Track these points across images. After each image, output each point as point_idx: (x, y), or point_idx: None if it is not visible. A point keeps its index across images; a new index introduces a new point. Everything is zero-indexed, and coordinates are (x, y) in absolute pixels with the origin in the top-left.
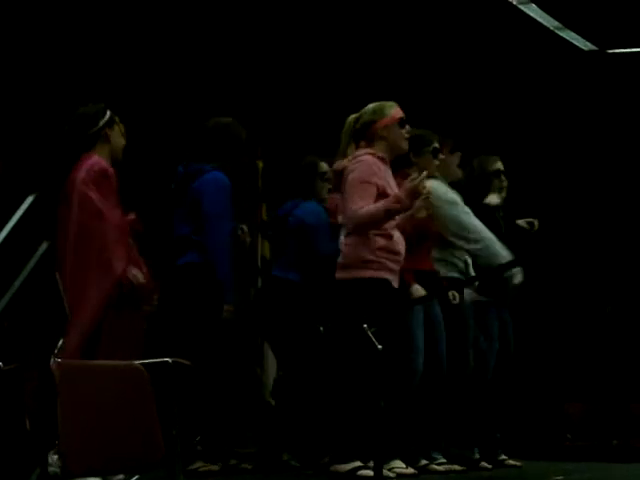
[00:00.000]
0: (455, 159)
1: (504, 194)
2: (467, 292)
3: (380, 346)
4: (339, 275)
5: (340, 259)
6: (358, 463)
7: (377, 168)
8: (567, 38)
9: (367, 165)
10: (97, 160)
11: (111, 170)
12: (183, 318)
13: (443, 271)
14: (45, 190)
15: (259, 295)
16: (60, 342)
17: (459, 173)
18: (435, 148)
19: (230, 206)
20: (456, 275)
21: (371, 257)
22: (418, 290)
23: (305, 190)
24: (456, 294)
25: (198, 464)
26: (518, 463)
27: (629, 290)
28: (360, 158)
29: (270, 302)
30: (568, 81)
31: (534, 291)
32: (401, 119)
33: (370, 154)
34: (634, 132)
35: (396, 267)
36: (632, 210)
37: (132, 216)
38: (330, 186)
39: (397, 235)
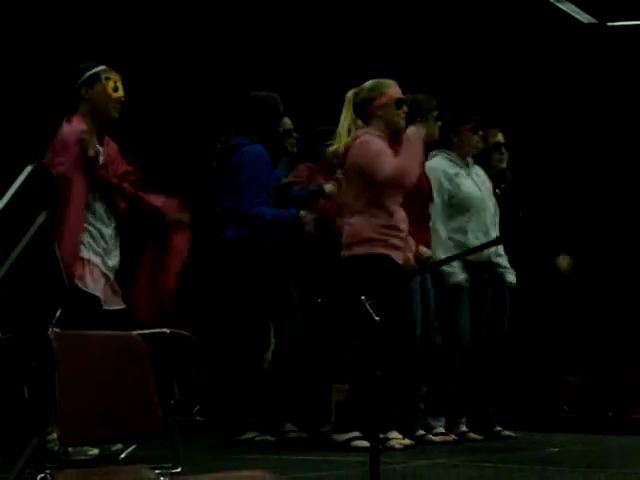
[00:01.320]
0: (475, 138)
1: (504, 165)
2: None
3: (378, 318)
4: (343, 253)
5: (343, 239)
6: (356, 433)
7: (379, 143)
8: (567, 10)
9: (371, 141)
10: (67, 130)
11: (80, 137)
12: (222, 289)
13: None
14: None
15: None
16: (58, 312)
17: (479, 147)
18: (438, 114)
19: (268, 178)
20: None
21: (373, 235)
22: (426, 252)
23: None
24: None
25: (252, 434)
26: (513, 434)
27: (627, 264)
28: (362, 139)
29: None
30: (568, 54)
31: (532, 263)
32: (399, 100)
33: (368, 133)
34: (633, 105)
35: (399, 243)
36: (633, 185)
37: (125, 169)
38: (294, 141)
39: (399, 212)
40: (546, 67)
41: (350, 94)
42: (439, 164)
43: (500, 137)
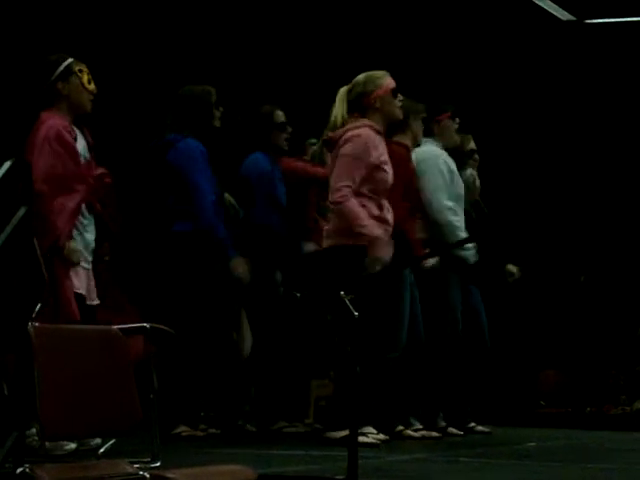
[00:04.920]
0: (454, 125)
1: (475, 172)
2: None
3: (357, 313)
4: (328, 242)
5: (330, 226)
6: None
7: (373, 143)
8: (545, 8)
9: (363, 141)
10: (52, 124)
11: (65, 132)
12: (173, 285)
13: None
14: (22, 154)
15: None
16: (38, 307)
17: (457, 139)
18: (424, 118)
19: (208, 171)
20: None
21: (366, 223)
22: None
23: (261, 142)
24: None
25: (182, 428)
26: (487, 429)
27: (603, 260)
28: (358, 131)
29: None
30: (546, 51)
31: (509, 260)
32: (394, 89)
33: (368, 126)
34: (611, 102)
35: (385, 236)
36: (607, 180)
37: (101, 170)
38: (288, 135)
39: (387, 204)
40: (524, 64)
41: (343, 91)
42: (435, 151)
43: (472, 144)
